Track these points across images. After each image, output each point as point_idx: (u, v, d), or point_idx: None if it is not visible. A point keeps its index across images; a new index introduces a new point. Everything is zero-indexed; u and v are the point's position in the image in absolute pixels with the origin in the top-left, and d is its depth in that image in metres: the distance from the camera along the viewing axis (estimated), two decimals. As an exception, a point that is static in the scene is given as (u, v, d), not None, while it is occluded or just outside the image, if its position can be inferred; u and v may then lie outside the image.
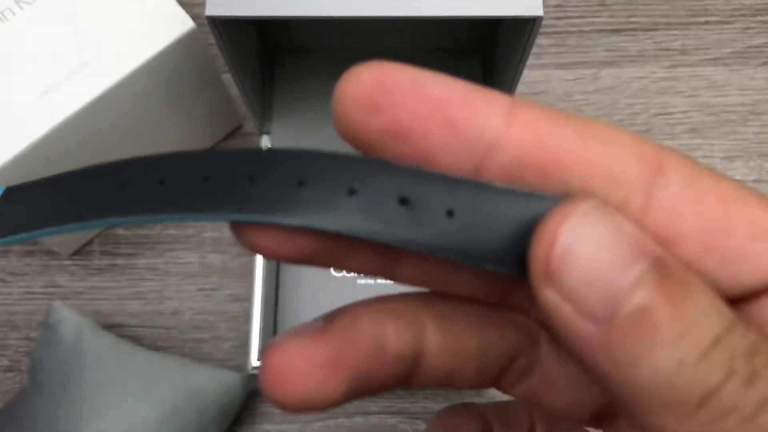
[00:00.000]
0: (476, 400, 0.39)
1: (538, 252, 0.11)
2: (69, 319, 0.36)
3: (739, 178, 0.44)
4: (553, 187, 0.12)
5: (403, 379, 0.13)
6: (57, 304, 0.36)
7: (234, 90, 0.40)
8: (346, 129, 0.12)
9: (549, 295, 0.11)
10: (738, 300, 0.12)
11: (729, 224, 0.11)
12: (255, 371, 0.35)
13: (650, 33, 0.47)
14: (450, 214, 0.12)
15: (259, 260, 0.36)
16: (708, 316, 0.10)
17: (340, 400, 0.13)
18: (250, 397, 0.39)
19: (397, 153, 0.12)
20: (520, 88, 0.45)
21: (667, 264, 0.11)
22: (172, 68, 0.34)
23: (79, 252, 0.42)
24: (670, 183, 0.11)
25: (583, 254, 0.11)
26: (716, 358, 0.10)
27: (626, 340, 0.10)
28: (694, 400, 0.10)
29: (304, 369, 0.12)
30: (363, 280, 0.40)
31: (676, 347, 0.10)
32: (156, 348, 0.38)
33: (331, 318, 0.13)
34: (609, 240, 0.11)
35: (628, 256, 0.10)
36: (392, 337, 0.13)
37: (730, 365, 0.10)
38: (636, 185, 0.11)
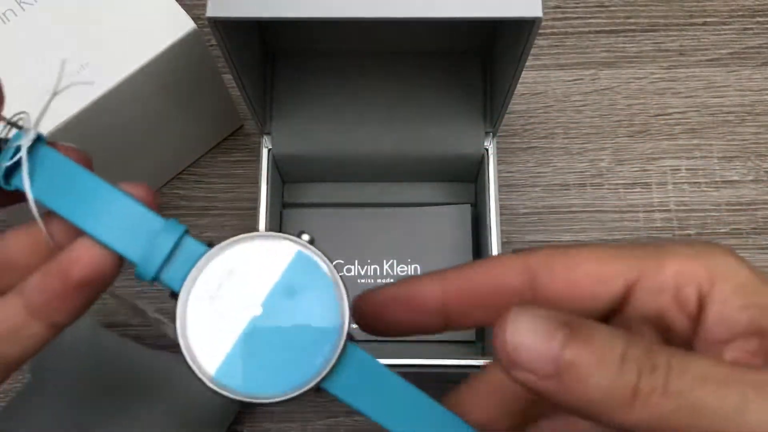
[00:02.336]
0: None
1: (497, 353, 0.17)
2: None
3: (736, 178, 0.44)
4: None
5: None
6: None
7: (235, 90, 0.40)
8: None
9: (517, 375, 0.17)
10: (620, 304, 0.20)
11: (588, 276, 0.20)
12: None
13: (649, 34, 0.47)
14: None
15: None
16: (610, 346, 0.16)
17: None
18: (251, 396, 0.39)
19: None
20: (519, 88, 0.45)
21: (573, 327, 0.17)
22: (173, 69, 0.35)
23: (81, 252, 0.42)
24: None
25: (522, 343, 0.17)
26: (628, 367, 0.16)
27: (572, 383, 0.16)
28: (627, 397, 0.16)
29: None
30: (363, 279, 0.40)
31: (598, 373, 0.16)
32: (157, 348, 0.38)
33: None
34: (533, 328, 0.17)
35: (547, 333, 0.17)
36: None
37: (638, 367, 0.16)
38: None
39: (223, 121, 0.43)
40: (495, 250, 0.37)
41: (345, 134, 0.39)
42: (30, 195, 0.19)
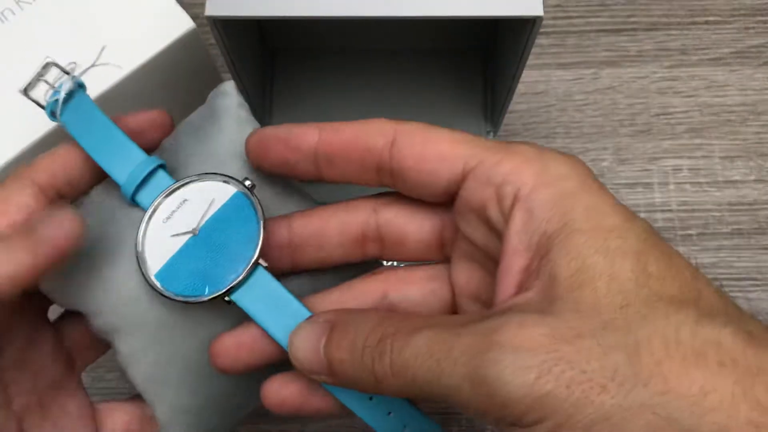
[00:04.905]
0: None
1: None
2: (238, 114, 0.27)
3: (738, 178, 0.44)
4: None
5: None
6: (229, 85, 0.27)
7: (234, 90, 0.40)
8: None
9: (310, 376, 0.22)
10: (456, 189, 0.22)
11: (430, 155, 0.22)
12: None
13: (650, 33, 0.47)
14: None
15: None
16: (357, 337, 0.20)
17: None
18: (251, 397, 0.39)
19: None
20: (520, 87, 0.45)
21: (335, 324, 0.21)
22: (172, 68, 0.35)
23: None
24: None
25: (299, 355, 0.22)
26: (366, 356, 0.20)
27: (341, 376, 0.21)
28: (373, 381, 0.20)
29: None
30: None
31: (351, 366, 0.20)
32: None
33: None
34: (306, 339, 0.22)
35: (315, 342, 0.21)
36: None
37: (371, 355, 0.20)
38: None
39: (223, 121, 0.43)
40: (496, 250, 0.37)
41: (345, 134, 0.39)
42: (60, 121, 0.25)
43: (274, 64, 0.40)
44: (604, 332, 0.17)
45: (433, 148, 0.22)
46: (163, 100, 0.36)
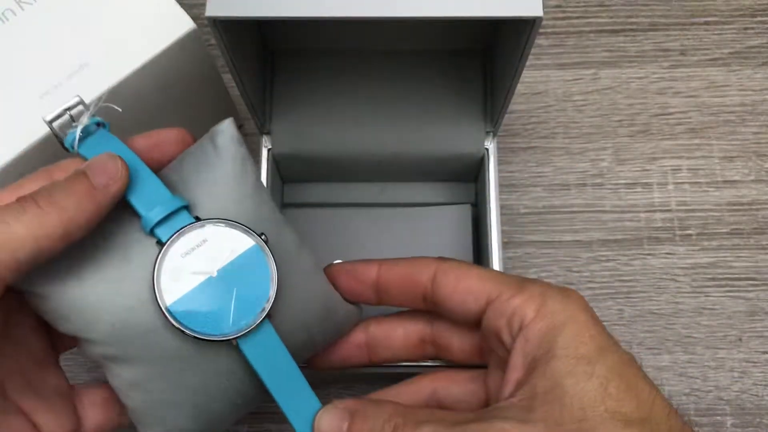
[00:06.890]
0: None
1: None
2: (237, 151, 0.28)
3: (737, 178, 0.44)
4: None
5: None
6: (227, 123, 0.29)
7: (234, 90, 0.40)
8: None
9: None
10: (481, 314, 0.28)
11: (462, 288, 0.28)
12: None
13: (649, 33, 0.47)
14: None
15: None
16: (375, 425, 0.25)
17: None
18: (251, 396, 0.39)
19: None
20: (520, 88, 0.45)
21: (355, 412, 0.26)
22: (172, 68, 0.35)
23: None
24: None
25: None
26: None
27: None
28: None
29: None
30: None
31: None
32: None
33: None
34: (330, 419, 0.26)
35: (338, 423, 0.26)
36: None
37: None
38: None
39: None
40: (495, 250, 0.37)
41: (345, 134, 0.39)
42: (77, 150, 0.26)
43: (274, 64, 0.40)
44: None
45: (464, 284, 0.27)
46: (164, 100, 0.36)
